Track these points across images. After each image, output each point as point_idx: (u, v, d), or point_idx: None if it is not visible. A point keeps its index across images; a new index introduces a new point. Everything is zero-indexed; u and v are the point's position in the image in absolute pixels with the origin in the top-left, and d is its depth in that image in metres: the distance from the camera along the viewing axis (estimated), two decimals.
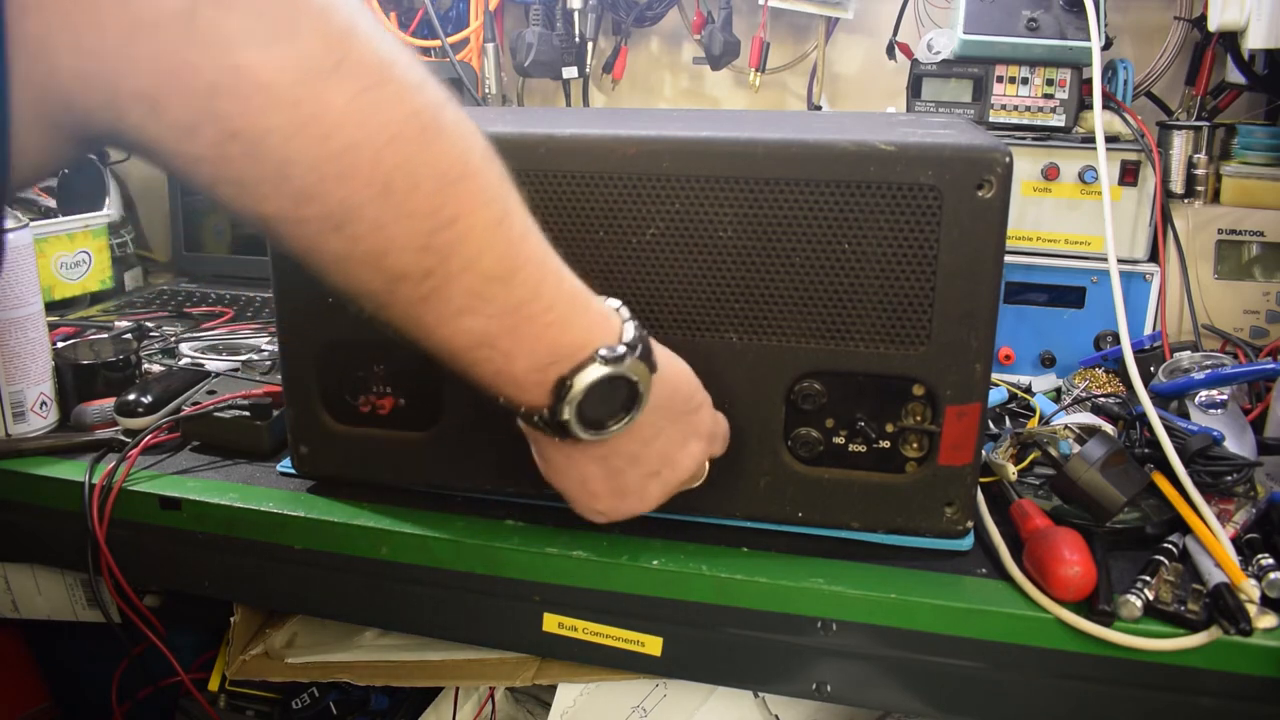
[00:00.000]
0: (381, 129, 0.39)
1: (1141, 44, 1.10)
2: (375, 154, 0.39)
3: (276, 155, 0.37)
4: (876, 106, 1.25)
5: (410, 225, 0.41)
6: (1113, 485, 0.63)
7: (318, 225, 0.40)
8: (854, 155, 0.56)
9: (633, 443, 0.54)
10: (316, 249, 0.42)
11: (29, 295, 0.79)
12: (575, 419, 0.49)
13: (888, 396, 0.61)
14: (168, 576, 0.77)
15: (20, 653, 1.04)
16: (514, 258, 0.46)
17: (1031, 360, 0.95)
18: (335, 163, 0.38)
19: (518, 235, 0.46)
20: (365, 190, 0.40)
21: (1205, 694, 0.58)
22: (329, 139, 0.38)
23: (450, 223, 0.43)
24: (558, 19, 1.23)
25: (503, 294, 0.45)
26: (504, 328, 0.46)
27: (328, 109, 0.38)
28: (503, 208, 0.45)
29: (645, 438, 0.54)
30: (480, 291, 0.45)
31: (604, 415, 0.51)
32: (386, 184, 0.40)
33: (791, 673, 0.64)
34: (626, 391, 0.51)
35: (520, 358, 0.47)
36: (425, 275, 0.43)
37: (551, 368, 0.48)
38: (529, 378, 0.48)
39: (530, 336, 0.47)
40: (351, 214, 0.40)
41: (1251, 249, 0.92)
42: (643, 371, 0.50)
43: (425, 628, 0.73)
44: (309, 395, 0.69)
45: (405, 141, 0.40)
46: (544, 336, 0.47)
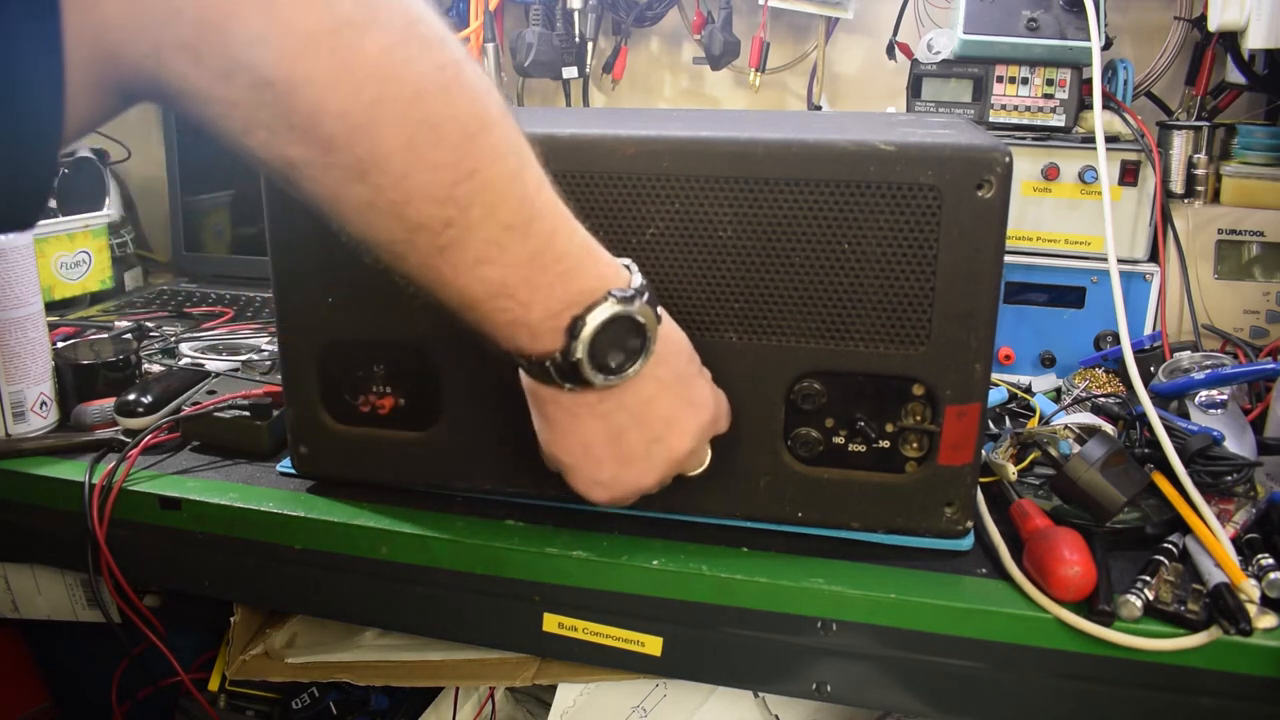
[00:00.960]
0: (409, 82, 0.41)
1: (1141, 44, 1.10)
2: (403, 106, 0.41)
3: (308, 103, 0.39)
4: (876, 106, 1.25)
5: (433, 176, 0.43)
6: (1113, 485, 0.63)
7: (343, 173, 0.41)
8: (854, 155, 0.56)
9: (636, 398, 0.54)
10: (340, 197, 0.43)
11: (29, 295, 0.79)
12: (587, 359, 0.50)
13: (888, 396, 0.61)
14: (168, 576, 0.77)
15: (20, 653, 1.04)
16: (530, 208, 0.47)
17: (1031, 360, 0.95)
18: (365, 112, 0.40)
19: (533, 187, 0.47)
20: (392, 141, 0.41)
21: (1205, 694, 0.58)
22: (360, 89, 0.40)
23: (470, 174, 0.44)
24: (558, 19, 1.23)
25: (519, 243, 0.46)
26: (520, 277, 0.47)
27: (360, 60, 0.39)
28: (519, 160, 0.46)
29: (649, 395, 0.54)
30: (498, 240, 0.46)
31: (615, 358, 0.51)
32: (412, 135, 0.41)
33: (791, 673, 0.64)
34: (636, 334, 0.51)
35: (536, 306, 0.48)
36: (445, 225, 0.44)
37: (565, 311, 0.49)
38: (544, 325, 0.49)
39: (546, 285, 0.48)
40: (377, 163, 0.41)
41: (1251, 249, 0.92)
42: (650, 316, 0.51)
43: (425, 628, 0.73)
44: (309, 395, 0.69)
45: (430, 95, 0.42)
46: (559, 284, 0.48)
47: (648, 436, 0.55)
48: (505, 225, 0.46)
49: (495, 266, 0.46)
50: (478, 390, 0.65)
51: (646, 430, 0.55)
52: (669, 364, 0.55)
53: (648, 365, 0.53)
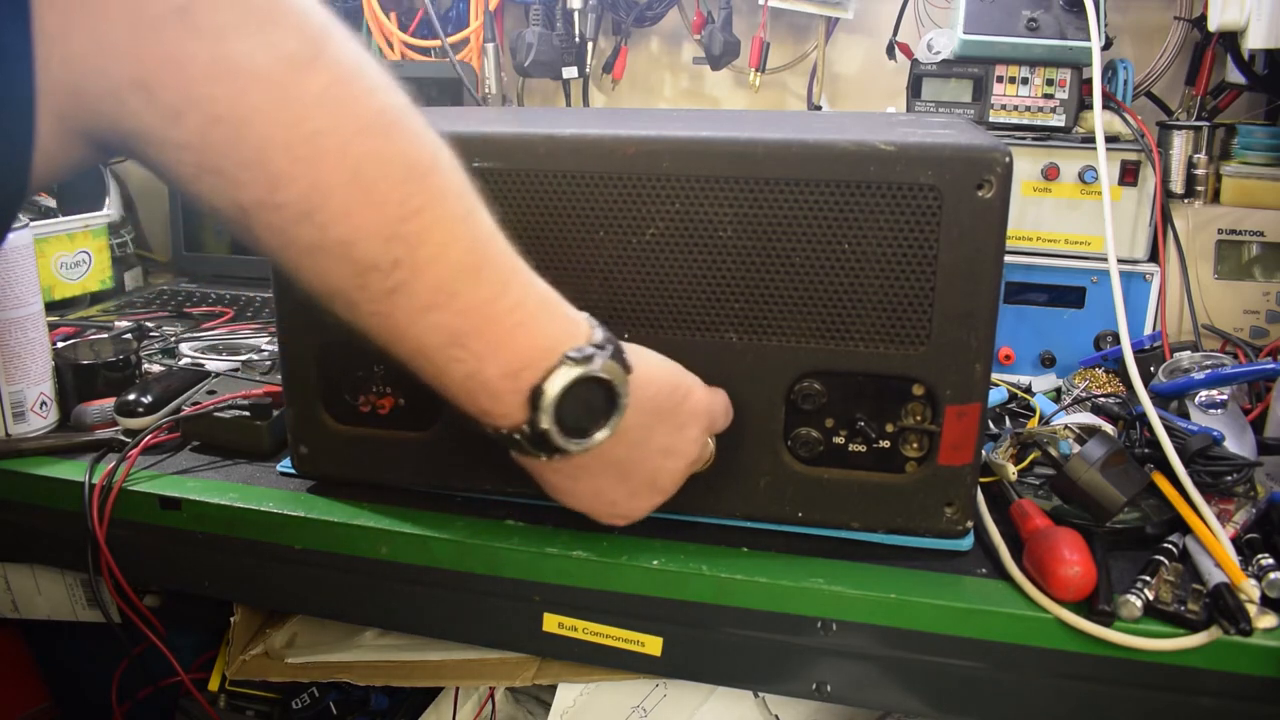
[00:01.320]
0: (352, 118, 0.42)
1: (1141, 44, 1.10)
2: (345, 140, 0.42)
3: (255, 138, 0.40)
4: (876, 106, 1.25)
5: (377, 213, 0.43)
6: (1113, 485, 0.63)
7: (291, 212, 0.42)
8: (854, 155, 0.56)
9: (627, 447, 0.54)
10: (290, 241, 0.43)
11: (29, 295, 0.79)
12: (555, 428, 0.49)
13: (888, 396, 0.61)
14: (168, 576, 0.77)
15: (20, 653, 1.04)
16: (480, 253, 0.47)
17: (1031, 360, 0.95)
18: (307, 145, 0.41)
19: (485, 233, 0.47)
20: (334, 175, 0.42)
21: (1205, 694, 0.58)
22: (303, 122, 0.41)
23: (417, 212, 0.44)
24: (558, 19, 1.23)
25: (470, 289, 0.46)
26: (473, 326, 0.47)
27: (304, 95, 0.40)
28: (469, 205, 0.47)
29: (637, 440, 0.54)
30: (448, 285, 0.46)
31: (585, 422, 0.51)
32: (355, 170, 0.42)
33: (791, 673, 0.64)
34: (604, 395, 0.51)
35: (491, 360, 0.48)
36: (393, 266, 0.44)
37: (524, 374, 0.48)
38: (503, 385, 0.49)
39: (499, 336, 0.48)
40: (321, 199, 0.42)
41: (1251, 249, 0.92)
42: (616, 371, 0.51)
43: (425, 628, 0.73)
44: (309, 395, 0.69)
45: (373, 133, 0.43)
46: (513, 338, 0.48)
47: (650, 469, 0.57)
48: (456, 269, 0.46)
49: (447, 313, 0.46)
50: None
51: (648, 464, 0.56)
52: (652, 409, 0.55)
53: (625, 418, 0.52)
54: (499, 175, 0.60)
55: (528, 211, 0.61)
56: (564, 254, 0.61)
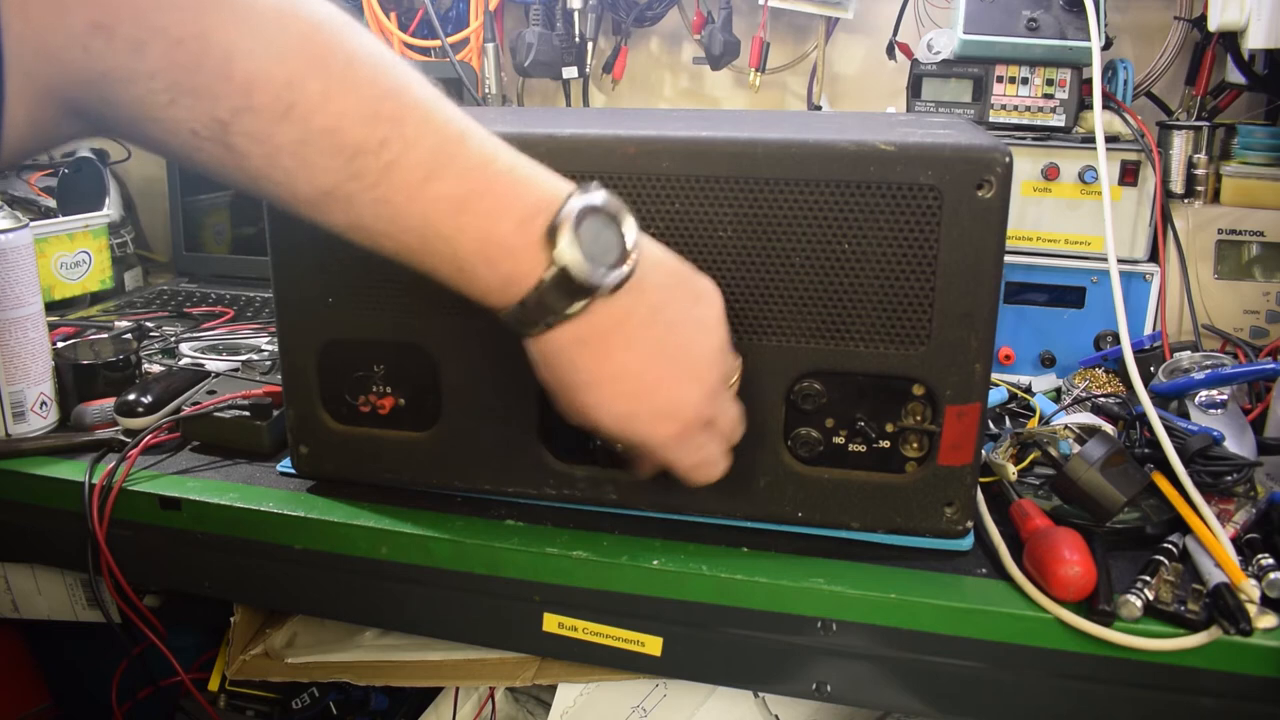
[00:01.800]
0: (309, 15, 0.43)
1: (1141, 44, 1.10)
2: (306, 34, 0.43)
3: (219, 49, 0.41)
4: (876, 106, 1.25)
5: (354, 95, 0.44)
6: (1113, 485, 0.63)
7: (269, 114, 0.43)
8: (854, 155, 0.56)
9: (651, 305, 0.51)
10: (274, 147, 0.43)
11: (29, 295, 0.79)
12: (582, 259, 0.47)
13: (888, 396, 0.61)
14: (168, 576, 0.77)
15: (20, 653, 1.04)
16: (464, 124, 0.47)
17: (1031, 360, 0.95)
18: (271, 44, 0.42)
19: (459, 111, 0.48)
20: (303, 67, 0.43)
21: (1205, 694, 0.58)
22: (264, 27, 0.42)
23: (393, 93, 0.45)
24: (558, 19, 1.23)
25: (464, 153, 0.47)
26: (476, 187, 0.47)
27: (259, 4, 0.42)
28: (438, 91, 0.47)
29: (661, 301, 0.51)
30: (442, 150, 0.46)
31: (604, 254, 0.48)
32: (321, 59, 0.43)
33: (791, 673, 0.64)
34: (614, 227, 0.49)
35: (502, 216, 0.47)
36: (382, 145, 0.45)
37: (537, 219, 0.48)
38: (517, 238, 0.47)
39: (504, 190, 0.47)
40: (297, 92, 0.43)
41: (1251, 249, 0.92)
42: (621, 207, 0.50)
43: (425, 628, 0.73)
44: (309, 395, 0.69)
45: (333, 29, 0.44)
46: (518, 189, 0.48)
47: (684, 338, 0.52)
48: (444, 136, 0.46)
49: (448, 180, 0.46)
50: (478, 390, 0.65)
51: (679, 331, 0.52)
52: (660, 255, 0.53)
53: (643, 268, 0.50)
54: None
55: None
56: None
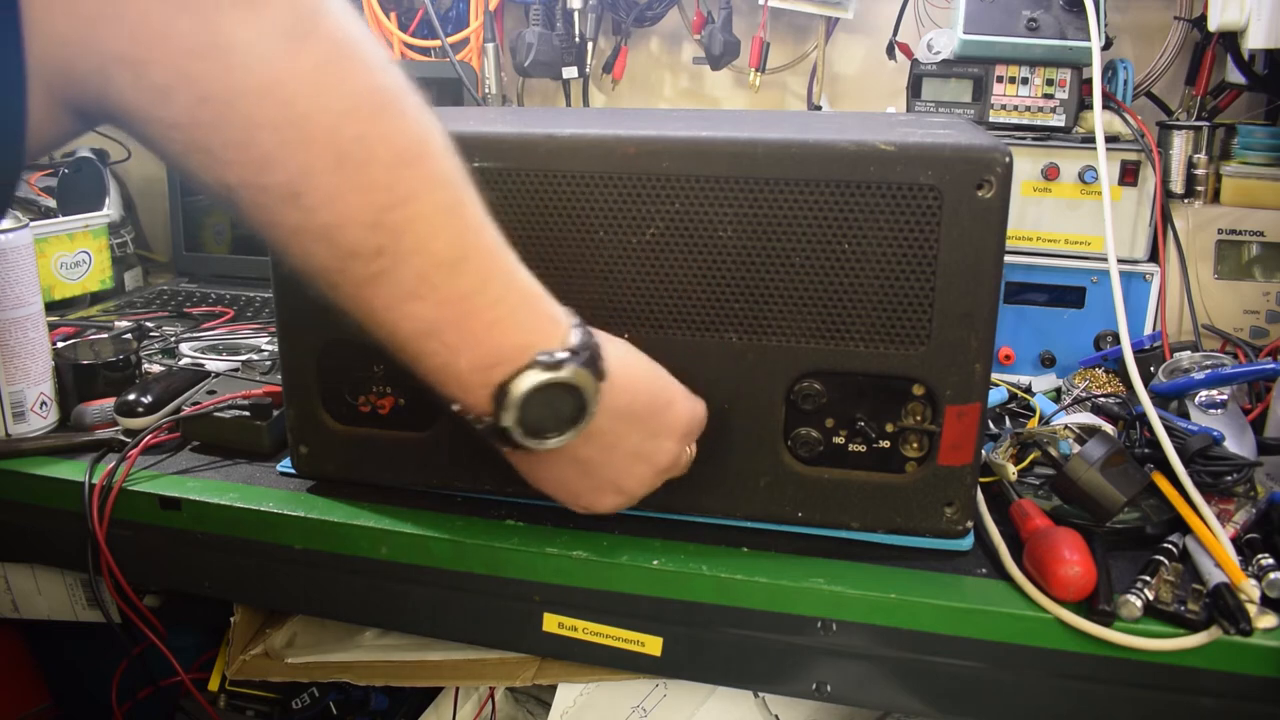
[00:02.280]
0: (341, 99, 0.41)
1: (1141, 44, 1.10)
2: (333, 122, 0.41)
3: (243, 118, 0.39)
4: (876, 106, 1.25)
5: (363, 199, 0.43)
6: (1113, 485, 0.63)
7: (276, 194, 0.41)
8: (854, 155, 0.56)
9: (594, 449, 0.54)
10: (276, 221, 0.43)
11: (29, 295, 0.79)
12: (517, 426, 0.49)
13: (888, 396, 0.61)
14: (168, 576, 0.77)
15: (20, 653, 1.04)
16: (465, 246, 0.47)
17: (1031, 360, 0.95)
18: (295, 128, 0.40)
19: (472, 225, 0.47)
20: (321, 159, 0.41)
21: (1205, 694, 0.58)
22: (292, 103, 0.40)
23: (403, 201, 0.44)
24: (558, 19, 1.23)
25: (450, 282, 0.46)
26: (449, 318, 0.47)
27: (293, 74, 0.40)
28: (457, 195, 0.46)
29: (605, 444, 0.54)
30: (429, 277, 0.45)
31: (548, 425, 0.51)
32: (342, 154, 0.41)
33: (791, 673, 0.64)
34: (572, 401, 0.51)
35: (464, 353, 0.48)
36: (376, 253, 0.44)
37: (495, 369, 0.48)
38: (472, 378, 0.49)
39: (474, 332, 0.47)
40: (308, 183, 0.41)
41: (1251, 249, 0.92)
42: (586, 380, 0.50)
43: (425, 628, 0.73)
44: (309, 395, 0.69)
45: (363, 115, 0.42)
46: (488, 334, 0.48)
47: (616, 471, 0.56)
48: (437, 261, 0.45)
49: (424, 304, 0.46)
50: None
51: (615, 466, 0.56)
52: (627, 415, 0.54)
53: (598, 421, 0.52)
54: (499, 175, 0.60)
55: (528, 211, 0.61)
56: (564, 254, 0.61)
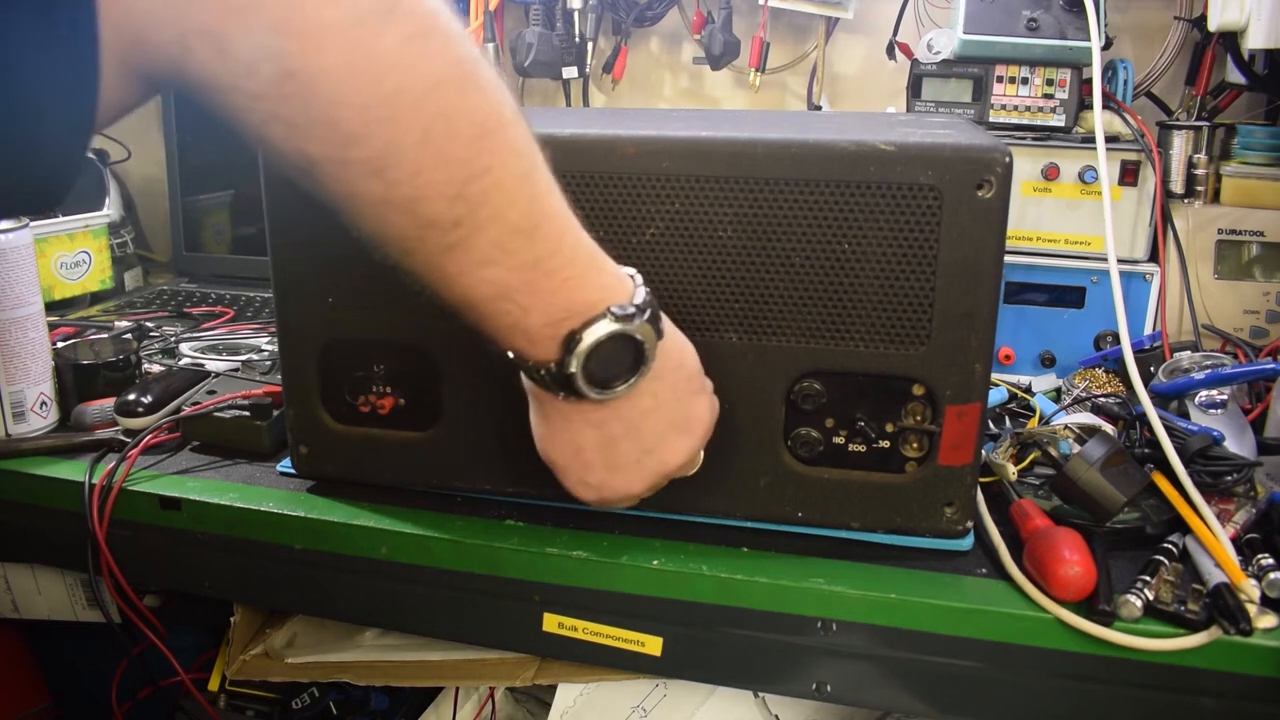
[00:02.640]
0: (428, 74, 0.41)
1: (1141, 44, 1.10)
2: (419, 98, 0.41)
3: (328, 95, 0.40)
4: (876, 106, 1.25)
5: (447, 173, 0.43)
6: (1113, 485, 0.63)
7: (360, 168, 0.42)
8: (854, 155, 0.56)
9: (632, 410, 0.54)
10: (356, 193, 0.43)
11: (29, 295, 0.79)
12: (581, 373, 0.50)
13: (888, 396, 0.61)
14: (168, 576, 0.77)
15: (20, 653, 1.04)
16: (538, 212, 0.47)
17: (1031, 360, 0.95)
18: (383, 106, 0.41)
19: (543, 191, 0.48)
20: (408, 135, 0.42)
21: (1205, 694, 0.58)
22: (380, 82, 0.40)
23: (483, 173, 0.44)
24: (558, 19, 1.23)
25: (525, 248, 0.47)
26: (523, 281, 0.47)
27: (380, 51, 0.40)
28: (531, 162, 0.47)
29: (645, 408, 0.54)
30: (504, 244, 0.46)
31: (609, 374, 0.52)
32: (427, 130, 0.42)
33: (791, 673, 0.64)
34: (633, 352, 0.52)
35: (536, 312, 0.49)
36: (454, 224, 0.45)
37: (564, 322, 0.49)
38: (542, 332, 0.49)
39: (548, 291, 0.48)
40: (393, 158, 0.42)
41: (1251, 249, 0.92)
42: (650, 334, 0.52)
43: (425, 628, 0.73)
44: (309, 395, 0.69)
45: (447, 89, 0.42)
46: (560, 292, 0.49)
47: (640, 448, 0.56)
48: (513, 228, 0.46)
49: (499, 269, 0.47)
50: (478, 390, 0.65)
51: (639, 442, 0.55)
52: (667, 380, 0.55)
53: (644, 382, 0.53)
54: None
55: None
56: None
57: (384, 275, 0.64)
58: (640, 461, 0.56)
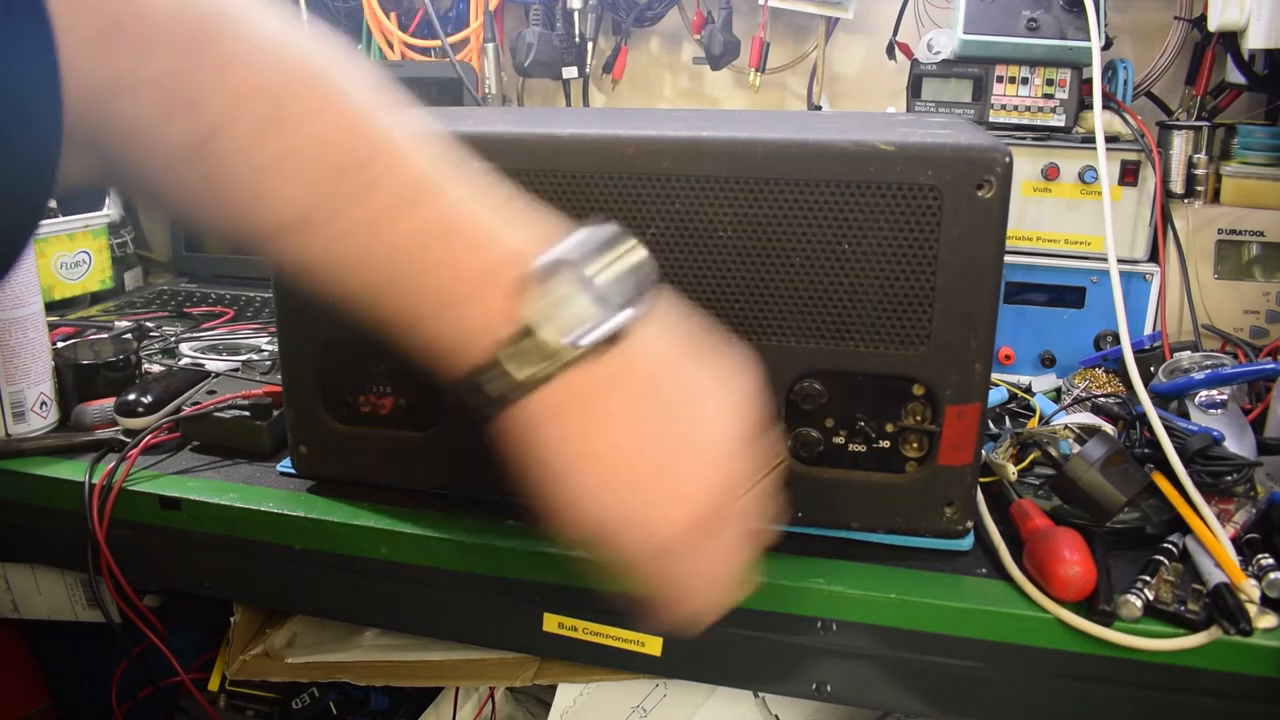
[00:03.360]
0: (301, 42, 0.40)
1: (1141, 44, 1.10)
2: (303, 56, 0.40)
3: (220, 56, 0.38)
4: (876, 106, 1.25)
5: (348, 113, 0.41)
6: (1113, 485, 0.63)
7: (262, 120, 0.39)
8: (854, 155, 0.56)
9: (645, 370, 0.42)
10: (262, 161, 0.39)
11: (29, 295, 0.79)
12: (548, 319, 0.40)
13: (888, 396, 0.61)
14: (168, 576, 0.77)
15: (20, 653, 1.04)
16: (460, 151, 0.44)
17: (1031, 360, 0.95)
18: (271, 57, 0.39)
19: (456, 142, 0.44)
20: (300, 80, 0.40)
21: (1205, 694, 0.58)
22: (263, 41, 0.39)
23: (385, 118, 0.41)
24: (558, 19, 1.23)
25: (453, 178, 0.42)
26: (458, 217, 0.41)
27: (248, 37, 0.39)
28: (434, 128, 0.44)
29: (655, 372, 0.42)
30: (430, 173, 0.41)
31: (618, 289, 0.41)
32: (316, 76, 0.40)
33: (791, 673, 0.64)
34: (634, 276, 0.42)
35: (477, 250, 0.41)
36: (371, 157, 0.40)
37: (509, 267, 0.41)
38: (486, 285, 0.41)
39: (486, 226, 0.42)
40: (290, 101, 0.39)
41: (1251, 249, 0.92)
42: (643, 254, 0.42)
43: (425, 628, 0.73)
44: (309, 395, 0.69)
45: (325, 59, 0.41)
46: (502, 229, 0.42)
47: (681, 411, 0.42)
48: (436, 160, 0.42)
49: (429, 206, 0.41)
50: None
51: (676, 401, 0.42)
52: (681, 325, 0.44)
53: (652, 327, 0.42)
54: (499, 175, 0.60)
55: None
56: None
57: None
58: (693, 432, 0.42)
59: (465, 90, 1.21)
